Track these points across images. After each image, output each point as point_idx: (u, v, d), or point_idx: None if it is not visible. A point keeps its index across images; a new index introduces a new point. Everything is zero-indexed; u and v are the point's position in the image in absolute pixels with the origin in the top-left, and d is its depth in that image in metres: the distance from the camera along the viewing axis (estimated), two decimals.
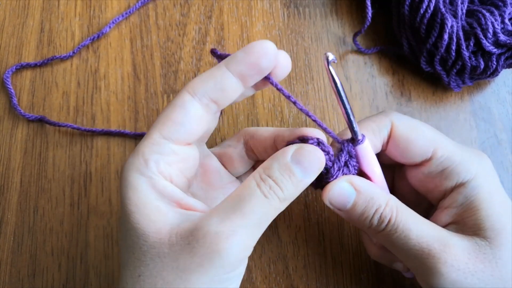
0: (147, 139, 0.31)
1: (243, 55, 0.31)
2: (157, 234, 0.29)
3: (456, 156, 0.35)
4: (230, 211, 0.29)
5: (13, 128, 0.49)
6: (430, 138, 0.36)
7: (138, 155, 0.31)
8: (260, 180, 0.30)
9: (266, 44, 0.31)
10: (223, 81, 0.31)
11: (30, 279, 0.44)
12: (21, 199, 0.47)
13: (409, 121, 0.37)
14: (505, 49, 0.46)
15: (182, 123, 0.31)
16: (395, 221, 0.33)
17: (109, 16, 0.53)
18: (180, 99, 0.32)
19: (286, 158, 0.31)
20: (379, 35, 0.53)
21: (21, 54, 0.52)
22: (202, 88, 0.31)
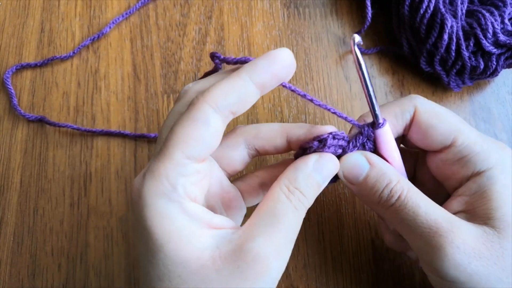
0: (168, 159, 0.29)
1: (265, 64, 0.30)
2: (198, 260, 0.28)
3: (476, 146, 0.35)
4: (271, 230, 0.29)
5: (13, 128, 0.49)
6: (452, 125, 0.36)
7: (161, 178, 0.29)
8: (289, 193, 0.31)
9: (287, 53, 0.31)
10: (246, 93, 0.30)
11: (30, 279, 0.44)
12: (21, 199, 0.47)
13: (433, 106, 0.37)
14: (504, 49, 0.46)
15: (205, 140, 0.30)
16: (405, 197, 0.34)
17: (109, 16, 0.53)
18: (202, 114, 0.29)
19: (309, 168, 0.32)
20: (379, 35, 0.53)
21: (22, 54, 0.52)
22: (225, 101, 0.30)
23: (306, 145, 0.34)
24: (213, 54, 0.33)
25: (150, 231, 0.28)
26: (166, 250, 0.28)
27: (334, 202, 0.47)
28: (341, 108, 0.50)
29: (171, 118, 0.32)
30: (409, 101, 0.37)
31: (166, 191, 0.29)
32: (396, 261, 0.45)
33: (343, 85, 0.51)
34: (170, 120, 0.32)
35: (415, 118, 0.36)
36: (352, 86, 0.51)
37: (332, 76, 0.52)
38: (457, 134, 0.35)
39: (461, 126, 0.36)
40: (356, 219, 0.46)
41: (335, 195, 0.47)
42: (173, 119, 0.31)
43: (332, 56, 0.52)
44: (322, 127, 0.35)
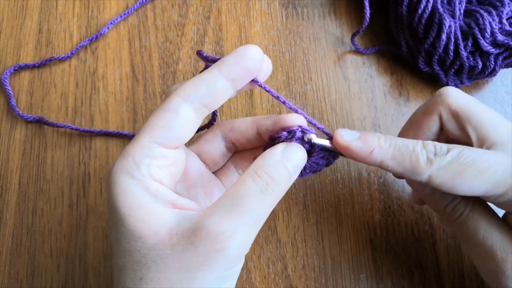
0: (137, 143, 0.31)
1: (234, 59, 0.32)
2: (156, 236, 0.29)
3: None
4: (230, 210, 0.29)
5: (12, 129, 0.49)
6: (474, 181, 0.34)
7: (127, 158, 0.31)
8: (256, 176, 0.31)
9: (253, 48, 0.32)
10: (216, 86, 0.32)
11: (29, 280, 0.44)
12: (19, 200, 0.46)
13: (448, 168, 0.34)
14: (503, 49, 0.46)
15: (173, 127, 0.31)
16: (466, 216, 0.35)
17: (107, 17, 0.53)
18: (171, 103, 0.31)
19: (277, 155, 0.33)
20: (377, 35, 0.53)
21: (19, 55, 0.52)
22: (194, 92, 0.31)
23: (275, 135, 0.35)
24: (198, 52, 0.35)
25: (114, 205, 0.30)
26: (126, 224, 0.29)
27: (333, 202, 0.47)
28: (340, 107, 0.50)
29: None
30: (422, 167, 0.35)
31: (130, 169, 0.30)
32: (395, 261, 0.45)
33: (341, 85, 0.51)
34: None
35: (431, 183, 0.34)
36: (351, 86, 0.51)
37: (331, 76, 0.52)
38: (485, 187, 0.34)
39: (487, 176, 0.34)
40: (355, 220, 0.46)
41: (334, 195, 0.47)
42: None
43: (331, 56, 0.52)
44: (289, 116, 0.35)
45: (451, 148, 0.34)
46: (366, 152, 0.35)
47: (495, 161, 0.33)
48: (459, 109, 0.36)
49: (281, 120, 0.36)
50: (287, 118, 0.35)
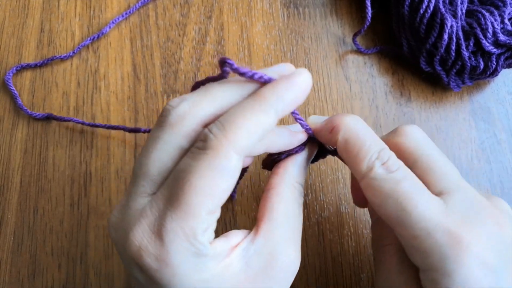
0: (194, 217, 0.25)
1: (293, 97, 0.27)
2: (237, 286, 0.28)
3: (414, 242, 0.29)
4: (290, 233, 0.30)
5: (13, 128, 0.49)
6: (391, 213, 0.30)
7: (189, 239, 0.25)
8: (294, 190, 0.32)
9: (310, 79, 0.28)
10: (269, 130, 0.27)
11: (30, 279, 0.44)
12: (21, 199, 0.47)
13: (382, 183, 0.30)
14: (504, 49, 0.46)
15: (230, 190, 0.26)
16: None
17: (109, 16, 0.53)
18: (228, 163, 0.25)
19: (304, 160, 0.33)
20: (379, 35, 0.53)
21: (21, 54, 0.52)
22: (250, 145, 0.26)
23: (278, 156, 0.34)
24: (224, 60, 0.28)
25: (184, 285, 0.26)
26: None
27: (334, 202, 0.47)
28: (341, 107, 0.50)
29: (165, 151, 0.27)
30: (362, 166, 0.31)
31: (198, 252, 0.26)
32: None
33: (343, 85, 0.51)
34: (163, 153, 0.27)
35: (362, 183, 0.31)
36: (352, 86, 0.51)
37: (332, 76, 0.52)
38: (396, 224, 0.30)
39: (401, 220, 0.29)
40: (356, 219, 0.46)
41: (335, 194, 0.47)
42: (169, 154, 0.27)
43: (332, 56, 0.52)
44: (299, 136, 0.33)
45: (400, 168, 0.30)
46: (327, 129, 0.32)
47: (431, 209, 0.28)
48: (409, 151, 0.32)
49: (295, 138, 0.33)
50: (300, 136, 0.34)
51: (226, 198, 0.26)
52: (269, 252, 0.29)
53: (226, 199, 0.26)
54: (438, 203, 0.29)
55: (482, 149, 0.49)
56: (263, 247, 0.29)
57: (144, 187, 0.27)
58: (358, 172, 0.31)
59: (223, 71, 0.29)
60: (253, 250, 0.29)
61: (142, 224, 0.26)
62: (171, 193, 0.26)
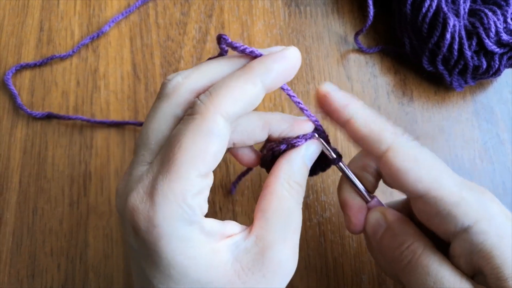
0: (184, 179, 0.26)
1: (279, 68, 0.28)
2: (224, 278, 0.28)
3: (453, 197, 0.31)
4: (285, 232, 0.30)
5: (13, 127, 0.49)
6: (426, 172, 0.31)
7: (178, 201, 0.26)
8: (291, 189, 0.31)
9: (298, 54, 0.29)
10: (256, 98, 0.28)
11: (29, 279, 0.44)
12: (20, 199, 0.46)
13: (409, 151, 0.32)
14: (507, 49, 0.46)
15: (218, 154, 0.27)
16: (416, 261, 0.32)
17: (109, 15, 0.53)
18: (215, 126, 0.27)
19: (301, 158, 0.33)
20: (381, 35, 0.53)
21: (21, 53, 0.51)
22: (237, 110, 0.27)
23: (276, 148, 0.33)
24: (220, 36, 0.30)
25: (171, 259, 0.26)
26: (191, 276, 0.27)
27: (335, 202, 0.46)
28: None
29: (161, 120, 0.29)
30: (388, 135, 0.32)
31: (186, 215, 0.26)
32: None
33: (344, 84, 0.51)
34: (159, 122, 0.29)
35: (385, 157, 0.32)
36: (354, 86, 0.51)
37: (334, 75, 0.51)
38: (429, 185, 0.31)
39: (436, 175, 0.31)
40: None
41: (336, 195, 0.47)
42: (165, 122, 0.29)
43: (334, 55, 0.52)
44: (306, 122, 0.34)
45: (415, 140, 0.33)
46: (342, 104, 0.33)
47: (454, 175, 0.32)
48: None
49: (298, 125, 0.33)
50: (304, 124, 0.34)
51: (217, 163, 0.28)
52: (259, 251, 0.29)
53: (216, 164, 0.28)
54: None
55: (485, 149, 0.49)
56: (254, 245, 0.29)
57: (143, 155, 0.29)
58: (384, 142, 0.32)
59: (221, 48, 0.31)
60: (243, 247, 0.29)
61: (138, 188, 0.27)
62: (164, 156, 0.27)
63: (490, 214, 0.31)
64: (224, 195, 0.46)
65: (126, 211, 0.27)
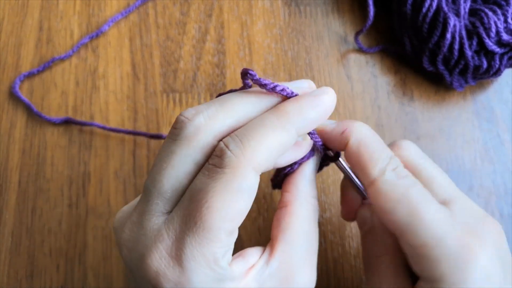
0: (214, 242, 0.24)
1: (315, 117, 0.27)
2: None
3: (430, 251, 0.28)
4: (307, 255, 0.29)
5: (11, 128, 0.49)
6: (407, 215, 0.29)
7: (210, 265, 0.24)
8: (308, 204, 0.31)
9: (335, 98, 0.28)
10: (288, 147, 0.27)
11: (28, 280, 0.44)
12: (19, 200, 0.46)
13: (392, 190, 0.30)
14: (508, 49, 0.46)
15: (248, 209, 0.25)
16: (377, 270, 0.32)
17: (108, 14, 0.53)
18: (247, 182, 0.24)
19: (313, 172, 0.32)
20: (381, 34, 0.53)
21: (20, 53, 0.51)
22: (269, 163, 0.25)
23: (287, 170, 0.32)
24: (245, 72, 0.27)
25: None
26: None
27: (335, 203, 0.46)
28: (343, 107, 0.50)
29: (180, 166, 0.26)
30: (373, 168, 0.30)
31: (219, 276, 0.25)
32: None
33: (344, 84, 0.51)
34: (177, 169, 0.26)
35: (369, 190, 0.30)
36: (354, 85, 0.51)
37: (334, 75, 0.51)
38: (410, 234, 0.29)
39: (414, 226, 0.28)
40: None
41: (336, 195, 0.46)
42: (184, 170, 0.26)
43: (334, 55, 0.52)
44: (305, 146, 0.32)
45: (409, 175, 0.30)
46: (338, 131, 0.31)
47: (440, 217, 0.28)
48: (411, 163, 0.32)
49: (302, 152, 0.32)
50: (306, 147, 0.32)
51: (244, 218, 0.25)
52: (284, 275, 0.28)
53: (243, 219, 0.25)
54: (445, 211, 0.29)
55: (486, 150, 0.48)
56: (278, 270, 0.28)
57: (158, 205, 0.26)
58: (368, 176, 0.30)
59: (245, 83, 0.28)
60: (267, 273, 0.28)
61: (159, 248, 0.25)
62: (188, 214, 0.24)
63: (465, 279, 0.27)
64: None
65: (147, 273, 0.25)
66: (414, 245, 0.28)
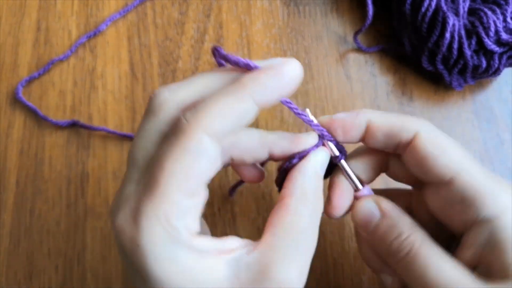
0: (166, 200, 0.25)
1: (273, 83, 0.27)
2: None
3: (481, 186, 0.30)
4: (294, 251, 0.27)
5: (9, 128, 0.48)
6: (455, 160, 0.31)
7: (160, 223, 0.25)
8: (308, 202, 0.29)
9: (298, 69, 0.28)
10: (247, 116, 0.27)
11: (27, 281, 0.44)
12: (17, 200, 0.46)
13: (437, 135, 0.32)
14: (507, 48, 0.46)
15: (204, 174, 0.26)
16: (415, 254, 0.31)
17: (107, 14, 0.53)
18: (198, 144, 0.26)
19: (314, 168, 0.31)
20: (380, 34, 0.53)
21: (18, 53, 0.51)
22: (224, 128, 0.26)
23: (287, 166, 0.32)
24: (214, 48, 0.28)
25: (160, 280, 0.26)
26: None
27: None
28: (342, 107, 0.50)
29: (148, 137, 0.28)
30: (413, 122, 0.32)
31: (170, 237, 0.26)
32: None
33: (344, 84, 0.51)
34: (146, 140, 0.28)
35: (414, 143, 0.32)
36: (353, 85, 0.51)
37: (333, 75, 0.51)
38: (458, 170, 0.31)
39: (465, 162, 0.31)
40: None
41: None
42: (151, 140, 0.28)
43: (333, 55, 0.52)
44: (304, 137, 0.32)
45: None
46: (352, 115, 0.32)
47: None
48: None
49: (299, 140, 0.32)
50: (306, 138, 0.32)
51: (205, 183, 0.27)
52: (261, 268, 0.27)
53: (204, 184, 0.27)
54: None
55: (485, 150, 0.48)
56: (256, 262, 0.27)
57: (133, 173, 0.28)
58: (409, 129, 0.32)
59: (217, 62, 0.29)
60: (244, 263, 0.27)
61: (125, 209, 0.26)
62: (148, 177, 0.26)
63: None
64: (222, 196, 0.46)
65: (115, 231, 0.27)
66: (469, 186, 0.30)
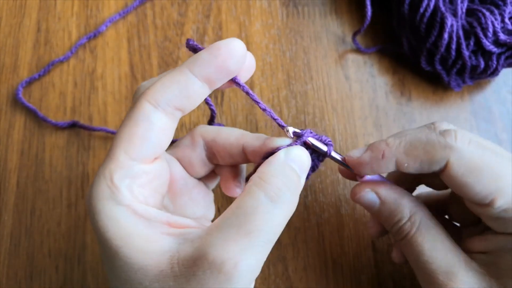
0: (113, 161, 0.28)
1: (208, 56, 0.28)
2: (157, 266, 0.26)
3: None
4: (236, 231, 0.26)
5: (10, 129, 0.49)
6: (491, 184, 0.31)
7: (105, 181, 0.27)
8: (264, 184, 0.28)
9: (234, 43, 0.28)
10: (188, 87, 0.28)
11: (28, 281, 0.44)
12: (18, 201, 0.46)
13: (469, 159, 0.31)
14: (505, 48, 0.46)
15: (149, 138, 0.28)
16: (412, 236, 0.34)
17: (106, 15, 0.53)
18: (141, 111, 0.28)
19: (281, 158, 0.30)
20: (379, 34, 0.53)
21: (18, 54, 0.51)
22: (165, 96, 0.28)
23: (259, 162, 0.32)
24: (187, 41, 0.31)
25: (104, 237, 0.27)
26: (122, 256, 0.26)
27: (334, 203, 0.46)
28: (341, 107, 0.50)
29: None
30: (442, 150, 0.31)
31: (112, 195, 0.27)
32: None
33: (342, 84, 0.51)
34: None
35: (447, 172, 0.31)
36: (352, 86, 0.51)
37: (332, 75, 0.51)
38: (495, 195, 0.31)
39: (501, 184, 0.31)
40: (356, 221, 0.46)
41: (335, 196, 0.47)
42: None
43: (332, 55, 0.52)
44: (278, 140, 0.32)
45: (473, 138, 0.32)
46: (377, 157, 0.32)
47: None
48: None
49: (270, 143, 0.32)
50: (276, 141, 0.32)
51: (152, 149, 0.29)
52: (199, 246, 0.26)
53: (152, 150, 0.29)
54: None
55: None
56: (198, 240, 0.27)
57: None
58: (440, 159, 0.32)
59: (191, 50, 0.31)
60: (189, 239, 0.27)
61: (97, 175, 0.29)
62: None
63: None
64: (222, 195, 0.46)
65: None
66: None
